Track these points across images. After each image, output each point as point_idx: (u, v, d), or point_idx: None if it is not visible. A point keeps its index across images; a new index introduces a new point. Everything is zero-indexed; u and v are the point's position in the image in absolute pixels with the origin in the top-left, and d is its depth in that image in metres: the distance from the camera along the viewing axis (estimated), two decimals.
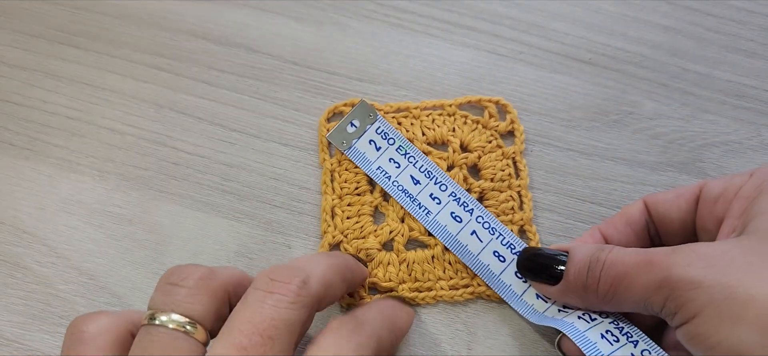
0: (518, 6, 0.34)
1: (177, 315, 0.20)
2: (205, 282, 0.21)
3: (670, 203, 0.26)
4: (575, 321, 0.25)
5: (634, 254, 0.22)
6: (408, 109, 0.31)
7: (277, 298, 0.20)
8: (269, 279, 0.21)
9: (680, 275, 0.21)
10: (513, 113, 0.31)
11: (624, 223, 0.27)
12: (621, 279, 0.22)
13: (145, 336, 0.20)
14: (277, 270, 0.21)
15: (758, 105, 0.32)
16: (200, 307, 0.20)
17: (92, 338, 0.21)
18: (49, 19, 0.33)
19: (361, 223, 0.29)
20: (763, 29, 0.34)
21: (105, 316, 0.21)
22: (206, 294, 0.21)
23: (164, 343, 0.20)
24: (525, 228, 0.29)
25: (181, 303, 0.20)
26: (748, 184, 0.23)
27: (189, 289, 0.21)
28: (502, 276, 0.28)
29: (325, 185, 0.30)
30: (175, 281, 0.21)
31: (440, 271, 0.28)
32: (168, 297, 0.20)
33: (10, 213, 0.30)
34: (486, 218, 0.28)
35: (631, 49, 0.33)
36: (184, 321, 0.20)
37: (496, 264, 0.28)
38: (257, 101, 0.32)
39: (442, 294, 0.28)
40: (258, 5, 0.34)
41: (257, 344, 0.19)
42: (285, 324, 0.20)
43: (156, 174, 0.30)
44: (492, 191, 0.30)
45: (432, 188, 0.29)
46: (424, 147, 0.30)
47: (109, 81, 0.32)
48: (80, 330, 0.21)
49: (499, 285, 0.28)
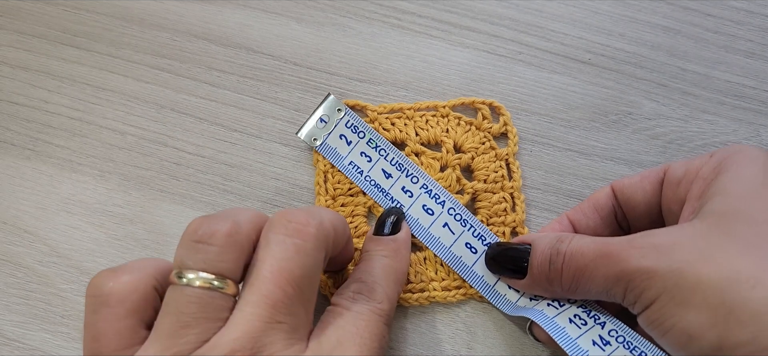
0: (517, 7, 0.34)
1: (204, 272, 0.20)
2: (234, 238, 0.20)
3: (635, 186, 0.26)
4: (544, 308, 0.25)
5: (592, 246, 0.23)
6: (402, 109, 0.31)
7: (300, 242, 0.21)
8: (288, 221, 0.21)
9: (636, 266, 0.21)
10: (506, 116, 0.31)
11: (591, 208, 0.27)
12: (582, 270, 0.23)
13: (178, 295, 0.20)
14: (294, 213, 0.21)
15: (757, 105, 0.32)
16: (231, 264, 0.20)
17: (119, 300, 0.20)
18: (51, 20, 0.34)
19: (354, 223, 0.29)
20: (761, 30, 0.34)
21: (128, 273, 0.20)
22: (235, 249, 0.20)
23: (197, 301, 0.19)
24: (517, 230, 0.29)
25: (211, 262, 0.20)
26: (706, 165, 0.24)
27: (219, 247, 0.20)
28: (474, 267, 0.28)
29: (318, 186, 0.30)
30: (203, 238, 0.20)
31: (433, 273, 0.28)
32: (197, 255, 0.20)
33: (11, 213, 0.30)
34: (458, 209, 0.29)
35: (630, 50, 0.33)
36: (213, 278, 0.20)
37: (468, 256, 0.28)
38: (258, 101, 0.32)
39: (435, 294, 0.28)
40: (259, 6, 0.34)
41: (289, 294, 0.20)
42: (311, 268, 0.21)
43: (157, 174, 0.31)
44: (485, 192, 0.30)
45: (404, 181, 0.29)
46: (418, 147, 0.30)
47: (110, 81, 0.32)
48: (104, 291, 0.20)
49: (472, 277, 0.28)
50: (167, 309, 0.20)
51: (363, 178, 0.29)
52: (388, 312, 0.24)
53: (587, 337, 0.24)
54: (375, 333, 0.22)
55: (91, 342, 0.20)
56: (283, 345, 0.19)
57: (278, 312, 0.19)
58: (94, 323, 0.20)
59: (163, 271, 0.21)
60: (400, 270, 0.26)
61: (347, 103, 0.31)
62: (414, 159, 0.30)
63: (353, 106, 0.31)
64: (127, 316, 0.20)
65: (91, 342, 0.20)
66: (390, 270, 0.25)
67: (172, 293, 0.20)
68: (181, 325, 0.19)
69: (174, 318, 0.19)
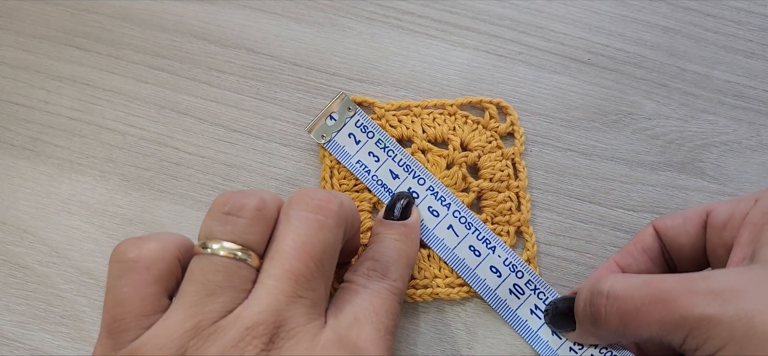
0: (517, 7, 0.34)
1: (229, 243, 0.20)
2: (262, 212, 0.21)
3: (679, 229, 0.26)
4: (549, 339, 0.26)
5: (642, 288, 0.22)
6: (409, 107, 0.31)
7: (322, 219, 0.21)
8: (310, 198, 0.21)
9: (699, 314, 0.20)
10: (513, 115, 0.31)
11: (640, 251, 0.27)
12: (631, 314, 0.22)
13: (205, 263, 0.20)
14: (315, 191, 0.22)
15: (757, 105, 0.32)
16: (258, 236, 0.21)
17: (146, 266, 0.20)
18: (51, 21, 0.34)
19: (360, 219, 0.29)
20: (761, 30, 0.34)
21: (152, 241, 0.21)
22: (263, 223, 0.21)
23: (224, 270, 0.20)
24: (522, 229, 0.29)
25: (239, 233, 0.20)
26: (754, 210, 0.23)
27: (248, 220, 0.20)
28: (477, 270, 0.28)
29: (324, 181, 0.30)
30: (232, 211, 0.21)
31: (436, 269, 0.28)
32: (226, 226, 0.20)
33: (11, 213, 0.30)
34: (463, 212, 0.29)
35: (630, 50, 0.33)
36: (238, 249, 0.20)
37: (472, 259, 0.28)
38: (258, 101, 0.32)
39: (439, 291, 0.28)
40: (259, 7, 0.34)
41: (312, 269, 0.20)
42: (332, 246, 0.21)
43: (157, 174, 0.31)
44: (490, 191, 0.30)
45: (410, 182, 0.29)
46: (424, 144, 0.30)
47: (110, 82, 0.32)
48: (130, 257, 0.20)
49: (475, 280, 0.28)
50: (192, 278, 0.20)
51: (370, 177, 0.29)
52: (402, 290, 0.24)
53: None
54: (390, 311, 0.22)
55: (114, 306, 0.20)
56: (304, 320, 0.20)
57: (300, 287, 0.20)
58: (118, 287, 0.20)
59: (185, 245, 0.21)
60: (410, 253, 0.26)
61: (355, 99, 0.31)
62: (420, 156, 0.30)
63: (361, 103, 0.31)
64: (154, 283, 0.20)
65: (114, 307, 0.20)
66: (402, 252, 0.25)
67: (198, 262, 0.20)
68: (207, 293, 0.19)
69: (199, 286, 0.19)
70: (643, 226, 0.28)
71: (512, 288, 0.27)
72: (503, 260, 0.28)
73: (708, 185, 0.31)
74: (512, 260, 0.28)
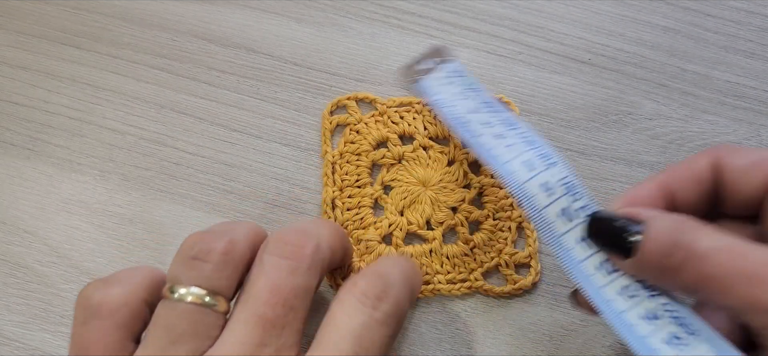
0: (517, 7, 0.34)
1: (197, 287, 0.20)
2: (230, 256, 0.20)
3: (748, 175, 0.22)
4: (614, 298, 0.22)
5: (733, 257, 0.19)
6: (411, 103, 0.31)
7: (294, 265, 0.20)
8: (283, 243, 0.21)
9: None
10: (515, 111, 0.31)
11: (693, 180, 0.23)
12: (712, 280, 0.19)
13: (169, 310, 0.20)
14: (290, 233, 0.21)
15: (757, 105, 0.32)
16: (225, 282, 0.20)
17: (109, 313, 0.20)
18: (51, 20, 0.34)
19: (361, 215, 0.29)
20: (761, 30, 0.34)
21: (117, 286, 0.20)
22: (230, 268, 0.20)
23: (189, 317, 0.19)
24: (523, 225, 0.29)
25: (205, 279, 0.20)
26: None
27: (214, 265, 0.20)
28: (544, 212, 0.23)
29: (326, 177, 0.30)
30: (198, 255, 0.20)
31: (438, 265, 0.28)
32: (192, 272, 0.20)
33: (11, 213, 0.30)
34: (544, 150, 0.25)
35: (630, 50, 0.33)
36: (205, 294, 0.20)
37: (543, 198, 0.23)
38: (258, 101, 0.32)
39: (440, 287, 0.28)
40: (259, 6, 0.34)
41: (280, 315, 0.19)
42: (303, 290, 0.20)
43: (157, 174, 0.31)
44: (492, 186, 0.30)
45: (501, 129, 0.25)
46: (426, 141, 0.30)
47: (110, 81, 0.32)
48: (93, 303, 0.20)
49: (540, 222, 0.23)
50: (157, 323, 0.20)
51: (458, 120, 0.26)
52: (398, 316, 0.22)
53: (658, 335, 0.20)
54: (378, 345, 0.20)
55: (79, 352, 0.20)
56: None
57: (267, 334, 0.19)
58: (81, 335, 0.20)
59: (155, 282, 0.21)
60: (415, 279, 0.24)
61: (356, 96, 0.31)
62: (422, 153, 0.30)
63: (362, 98, 0.31)
64: (117, 329, 0.20)
65: (78, 354, 0.20)
66: (408, 275, 0.23)
67: (163, 307, 0.20)
68: (170, 341, 0.19)
69: (164, 333, 0.19)
70: None
71: (561, 213, 0.23)
72: (559, 179, 0.24)
73: None
74: (572, 180, 0.24)
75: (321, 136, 0.31)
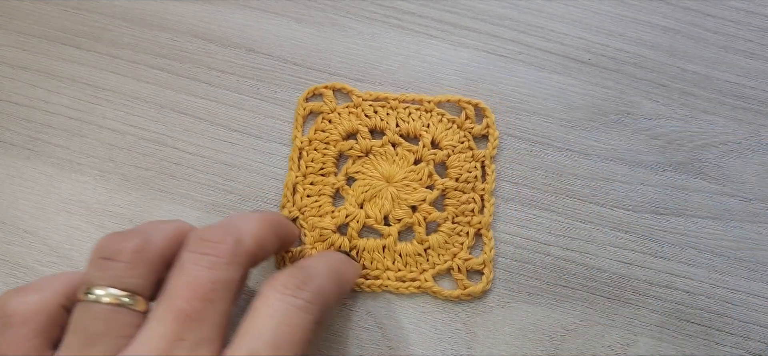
0: (517, 7, 0.34)
1: (112, 288, 0.20)
2: (143, 254, 0.20)
3: None
4: None
5: None
6: (386, 99, 0.31)
7: (213, 260, 0.20)
8: (202, 240, 0.21)
9: None
10: (490, 117, 0.31)
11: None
12: None
13: (84, 313, 0.19)
14: (210, 230, 0.21)
15: (757, 105, 0.32)
16: (139, 280, 0.20)
17: (23, 321, 0.20)
18: (51, 20, 0.34)
19: (319, 202, 0.29)
20: (761, 30, 0.34)
21: (34, 293, 0.20)
22: (143, 265, 0.20)
23: (104, 318, 0.19)
24: (482, 232, 0.29)
25: (118, 278, 0.20)
26: None
27: (126, 263, 0.20)
28: None
29: (291, 161, 0.30)
30: (109, 255, 0.20)
31: (389, 262, 0.29)
32: (104, 272, 0.20)
33: (11, 213, 0.30)
34: None
35: (629, 50, 0.33)
36: (121, 294, 0.20)
37: None
38: (258, 101, 0.32)
39: (388, 284, 0.28)
40: (259, 6, 0.34)
41: (198, 309, 0.19)
42: (222, 284, 0.20)
43: (157, 174, 0.31)
44: (454, 191, 0.30)
45: None
46: (396, 138, 0.30)
47: (110, 81, 0.32)
48: (8, 312, 0.20)
49: None
50: (73, 327, 0.20)
51: None
52: (320, 306, 0.21)
53: None
54: (301, 331, 0.20)
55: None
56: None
57: (184, 328, 0.19)
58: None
59: (73, 286, 0.21)
60: (344, 275, 0.25)
61: (334, 86, 0.31)
62: (390, 149, 0.30)
63: (340, 88, 0.32)
64: (33, 337, 0.20)
65: None
66: (334, 269, 0.24)
67: (79, 310, 0.20)
68: (86, 343, 0.19)
69: (79, 336, 0.19)
70: (643, 225, 0.28)
71: None
72: None
73: (708, 186, 0.31)
74: None
75: (294, 120, 0.31)
